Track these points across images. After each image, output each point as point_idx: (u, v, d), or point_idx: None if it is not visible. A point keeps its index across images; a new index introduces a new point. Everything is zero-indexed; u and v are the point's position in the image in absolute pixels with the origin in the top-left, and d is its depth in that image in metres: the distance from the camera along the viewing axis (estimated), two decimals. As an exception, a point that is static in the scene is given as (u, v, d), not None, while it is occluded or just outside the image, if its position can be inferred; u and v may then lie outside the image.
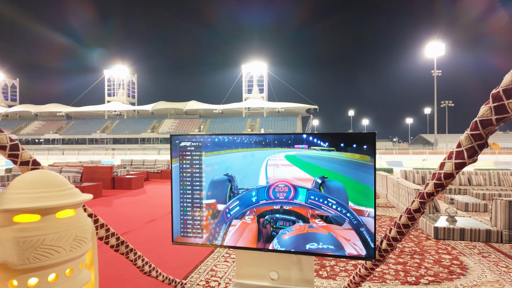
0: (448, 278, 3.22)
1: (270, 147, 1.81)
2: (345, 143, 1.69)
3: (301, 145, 1.77)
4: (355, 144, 1.67)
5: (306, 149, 1.76)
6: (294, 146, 1.78)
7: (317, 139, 1.75)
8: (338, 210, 1.70)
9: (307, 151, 1.75)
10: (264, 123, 58.35)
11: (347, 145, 1.68)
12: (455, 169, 1.13)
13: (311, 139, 1.76)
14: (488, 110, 0.98)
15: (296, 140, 1.79)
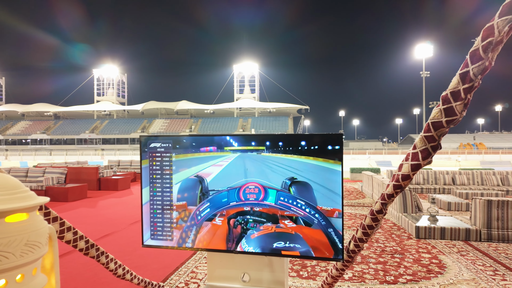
0: (426, 277, 3.26)
1: (242, 148, 1.80)
2: (313, 144, 1.69)
3: (272, 146, 1.76)
4: (323, 144, 1.68)
5: (276, 150, 1.75)
6: (266, 147, 1.78)
7: (288, 140, 1.75)
8: (306, 211, 1.71)
9: (277, 152, 1.75)
10: (255, 123, 58.38)
11: (316, 146, 1.69)
12: (411, 171, 1.14)
13: (281, 140, 1.75)
14: (438, 113, 0.99)
15: (267, 141, 1.78)
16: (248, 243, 1.72)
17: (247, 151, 1.79)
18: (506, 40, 0.79)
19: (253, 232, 1.72)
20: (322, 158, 1.69)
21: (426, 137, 1.06)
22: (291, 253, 1.67)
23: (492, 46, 0.78)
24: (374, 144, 61.93)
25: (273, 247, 1.69)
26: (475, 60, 0.83)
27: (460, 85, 0.89)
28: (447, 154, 32.47)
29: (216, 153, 1.82)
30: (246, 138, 1.80)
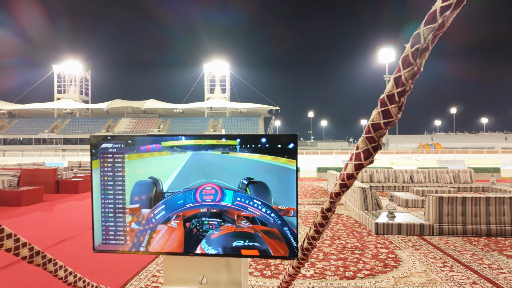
0: (382, 271, 3.42)
1: (199, 149, 1.78)
2: (269, 144, 1.71)
3: (229, 147, 1.76)
4: (279, 145, 1.70)
5: (233, 151, 1.75)
6: (223, 148, 1.77)
7: (245, 141, 1.75)
8: (263, 211, 1.72)
9: (234, 152, 1.75)
10: (226, 123, 58.11)
11: (272, 146, 1.71)
12: (355, 170, 1.19)
13: (239, 140, 1.75)
14: (377, 115, 1.04)
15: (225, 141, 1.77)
16: (208, 243, 1.71)
17: (204, 151, 1.76)
18: (431, 47, 0.84)
19: (213, 232, 1.71)
20: (278, 158, 1.71)
21: (367, 138, 1.11)
22: (250, 252, 1.68)
23: (419, 52, 0.83)
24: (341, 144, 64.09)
25: (232, 246, 1.69)
26: (405, 65, 0.88)
27: (394, 89, 0.94)
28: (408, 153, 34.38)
29: (171, 153, 1.78)
30: (203, 138, 1.78)
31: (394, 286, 3.05)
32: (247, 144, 1.74)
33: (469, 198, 4.69)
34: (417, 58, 0.84)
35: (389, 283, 3.10)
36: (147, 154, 1.78)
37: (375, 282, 3.13)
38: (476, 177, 10.97)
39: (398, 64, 0.91)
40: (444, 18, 0.76)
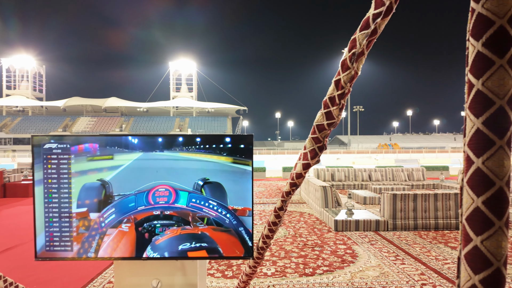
0: (340, 266, 3.55)
1: (152, 149, 1.73)
2: (225, 145, 1.70)
3: (184, 147, 1.72)
4: (234, 145, 1.70)
5: (188, 151, 1.72)
6: (178, 148, 1.73)
7: (199, 141, 1.73)
8: (218, 211, 1.71)
9: (189, 153, 1.72)
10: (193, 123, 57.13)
11: (227, 146, 1.70)
12: (303, 169, 1.22)
13: (193, 140, 1.73)
14: (321, 116, 1.07)
15: (179, 141, 1.74)
16: (153, 249, 1.65)
17: (157, 152, 1.71)
18: (367, 52, 0.88)
19: (158, 238, 1.66)
20: (234, 158, 1.71)
21: (313, 138, 1.14)
22: (198, 254, 1.65)
23: (356, 57, 0.88)
24: (307, 144, 65.66)
25: (178, 249, 1.65)
26: (344, 69, 0.92)
27: (335, 92, 0.98)
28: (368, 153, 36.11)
29: (122, 154, 1.71)
30: (157, 138, 1.73)
31: (350, 280, 3.18)
32: (202, 145, 1.72)
33: (420, 195, 5.03)
34: (354, 62, 0.88)
35: (346, 278, 3.23)
36: (96, 155, 1.70)
37: (332, 278, 3.25)
38: (428, 175, 11.80)
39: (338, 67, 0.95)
40: (376, 24, 0.81)
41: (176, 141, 1.73)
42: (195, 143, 1.73)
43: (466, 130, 0.56)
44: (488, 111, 0.53)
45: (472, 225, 0.55)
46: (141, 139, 1.72)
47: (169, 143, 1.73)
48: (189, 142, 1.72)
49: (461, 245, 0.57)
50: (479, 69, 0.53)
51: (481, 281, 0.53)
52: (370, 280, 3.19)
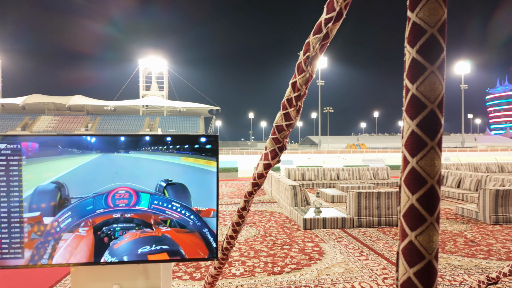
0: (307, 264, 3.63)
1: (112, 150, 1.66)
2: (189, 145, 1.68)
3: (146, 148, 1.68)
4: (199, 145, 1.68)
5: (151, 152, 1.68)
6: (140, 149, 1.68)
7: (163, 141, 1.69)
8: (182, 213, 1.68)
9: (150, 153, 1.67)
10: (164, 122, 55.76)
11: (191, 147, 1.68)
12: (264, 170, 1.23)
13: (156, 140, 1.68)
14: (280, 117, 1.09)
15: (141, 142, 1.69)
16: (111, 253, 1.59)
17: (117, 152, 1.65)
18: (320, 56, 0.91)
19: (116, 242, 1.60)
20: (198, 159, 1.69)
21: (273, 139, 1.16)
22: (158, 256, 1.62)
23: (310, 60, 0.90)
24: (280, 144, 66.37)
25: (138, 253, 1.60)
26: (299, 72, 0.94)
27: (292, 94, 1.00)
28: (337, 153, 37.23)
29: (80, 155, 1.63)
30: (118, 138, 1.67)
31: (317, 277, 3.26)
32: (166, 145, 1.69)
33: (383, 193, 5.27)
34: (309, 65, 0.91)
35: (313, 276, 3.31)
36: (50, 156, 1.60)
37: (300, 276, 3.31)
38: (392, 174, 12.37)
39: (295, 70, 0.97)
40: (327, 29, 0.83)
41: (138, 142, 1.68)
42: (158, 143, 1.69)
43: (403, 132, 0.59)
44: (421, 114, 0.56)
45: (407, 221, 0.58)
46: (100, 139, 1.66)
47: (131, 144, 1.68)
48: (152, 142, 1.68)
49: (399, 240, 0.60)
50: (413, 74, 0.57)
51: (415, 274, 0.57)
52: (336, 276, 3.29)
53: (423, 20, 0.56)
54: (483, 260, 3.73)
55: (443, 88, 0.56)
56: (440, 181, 0.57)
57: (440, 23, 0.55)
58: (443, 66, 0.56)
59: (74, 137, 1.65)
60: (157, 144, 1.69)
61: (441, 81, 0.56)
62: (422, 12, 0.56)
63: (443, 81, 0.56)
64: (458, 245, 4.25)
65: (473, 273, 3.36)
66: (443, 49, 0.56)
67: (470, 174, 7.89)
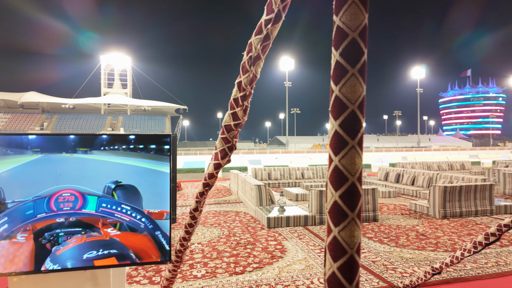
0: (269, 262, 3.67)
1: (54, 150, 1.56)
2: (140, 145, 1.62)
3: (93, 147, 1.59)
4: (151, 145, 1.63)
5: (98, 152, 1.60)
6: (87, 149, 1.59)
7: (112, 141, 1.62)
8: (132, 216, 1.62)
9: (98, 154, 1.59)
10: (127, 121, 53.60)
11: (143, 147, 1.62)
12: (214, 170, 1.22)
13: (104, 140, 1.61)
14: (228, 117, 1.08)
15: (89, 141, 1.60)
16: (53, 260, 1.50)
17: (61, 152, 1.55)
18: (263, 56, 0.92)
19: (59, 248, 1.51)
20: (150, 160, 1.64)
21: (222, 138, 1.15)
22: (106, 261, 1.55)
23: (253, 60, 0.91)
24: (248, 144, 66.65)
25: (83, 259, 1.52)
26: (244, 72, 0.94)
27: (238, 93, 1.00)
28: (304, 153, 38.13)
29: (18, 155, 1.51)
30: (60, 138, 1.57)
31: (278, 275, 3.31)
32: (115, 145, 1.62)
33: (343, 190, 5.47)
34: (252, 65, 0.91)
35: (274, 274, 3.35)
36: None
37: (261, 274, 3.34)
38: (354, 172, 12.91)
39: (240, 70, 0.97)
40: (268, 30, 0.84)
41: (85, 141, 1.59)
42: (108, 143, 1.61)
43: (329, 132, 0.61)
44: (343, 115, 0.58)
45: (332, 217, 0.60)
46: (42, 139, 1.55)
47: (78, 144, 1.58)
48: (101, 142, 1.60)
49: (326, 236, 0.63)
50: (337, 77, 0.59)
51: (339, 268, 0.59)
52: (296, 273, 3.36)
53: (345, 24, 0.58)
54: (432, 252, 4.01)
55: (364, 90, 0.59)
56: (361, 178, 0.60)
57: (361, 27, 0.58)
58: (364, 69, 0.59)
59: (13, 136, 1.53)
60: (106, 144, 1.62)
61: (362, 84, 0.59)
62: (345, 16, 0.58)
63: (364, 84, 0.59)
64: (410, 239, 4.53)
65: (422, 264, 3.60)
66: (363, 53, 0.58)
67: (423, 172, 8.45)
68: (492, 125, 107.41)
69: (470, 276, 3.25)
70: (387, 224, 5.41)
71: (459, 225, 5.28)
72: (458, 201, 5.86)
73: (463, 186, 5.90)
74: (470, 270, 3.39)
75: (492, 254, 3.86)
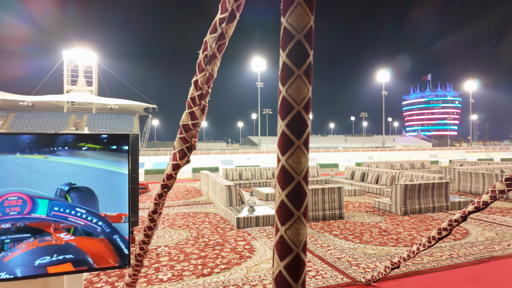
0: (237, 263, 3.66)
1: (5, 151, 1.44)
2: (97, 145, 1.55)
3: (44, 147, 1.49)
4: (108, 145, 1.56)
5: (54, 152, 1.50)
6: (37, 149, 1.49)
7: (65, 141, 1.53)
8: (88, 219, 1.54)
9: (54, 155, 1.50)
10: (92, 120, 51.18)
11: (100, 147, 1.55)
12: (173, 170, 1.19)
13: (56, 139, 1.52)
14: (186, 116, 1.06)
15: (39, 141, 1.50)
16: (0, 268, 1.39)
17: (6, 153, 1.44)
18: (219, 55, 0.91)
19: (6, 254, 1.40)
20: (107, 160, 1.57)
21: (181, 138, 1.13)
22: (61, 268, 1.46)
23: (208, 59, 0.89)
24: (220, 145, 66.23)
25: (35, 265, 1.43)
26: (200, 70, 0.93)
27: (195, 92, 0.99)
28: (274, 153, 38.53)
29: (-44, 157, 1.38)
30: (5, 137, 1.46)
31: (245, 275, 3.31)
32: (69, 145, 1.53)
33: (310, 189, 5.60)
34: (207, 64, 0.90)
35: (242, 274, 3.35)
36: None
37: (229, 275, 3.32)
38: (322, 172, 13.27)
39: (196, 68, 0.96)
40: (222, 29, 0.84)
41: (35, 141, 1.49)
42: (61, 143, 1.52)
43: (278, 132, 0.62)
44: (289, 115, 0.59)
45: (279, 217, 0.61)
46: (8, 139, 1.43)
47: (26, 144, 1.48)
48: (53, 142, 1.51)
49: (274, 235, 0.63)
50: (284, 77, 0.60)
51: (285, 267, 0.60)
52: (264, 273, 3.38)
53: (291, 26, 0.59)
54: (393, 247, 4.21)
55: (309, 91, 0.60)
56: (307, 178, 0.61)
57: (307, 29, 0.59)
58: (309, 70, 0.60)
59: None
60: (59, 144, 1.52)
61: (307, 85, 0.60)
62: (291, 18, 0.59)
63: (309, 85, 0.60)
64: (373, 235, 4.72)
65: (384, 259, 3.76)
66: (309, 55, 0.60)
67: (386, 171, 8.86)
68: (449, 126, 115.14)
69: (426, 269, 3.45)
70: (352, 221, 5.60)
71: (418, 221, 5.59)
72: (418, 198, 6.21)
73: (422, 184, 6.25)
74: (427, 263, 3.60)
75: (447, 248, 4.13)
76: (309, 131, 0.61)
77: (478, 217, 5.81)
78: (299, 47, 0.59)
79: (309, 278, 3.25)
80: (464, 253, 3.92)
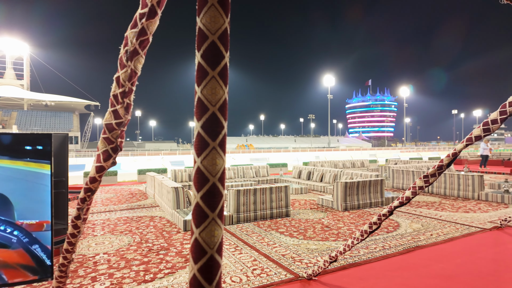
0: (182, 266, 3.56)
1: None
2: (11, 145, 1.38)
3: None
4: (26, 146, 1.41)
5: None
6: None
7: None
8: (0, 229, 1.37)
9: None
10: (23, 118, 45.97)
11: (15, 147, 1.39)
12: (97, 173, 1.11)
13: (-40, 141, 1.32)
14: (109, 115, 1.00)
15: None
16: None
17: None
18: (142, 52, 0.87)
19: None
20: (24, 162, 1.41)
21: (105, 139, 1.06)
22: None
23: (129, 55, 0.85)
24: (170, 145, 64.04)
25: None
26: (121, 67, 0.88)
27: (117, 90, 0.93)
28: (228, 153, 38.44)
29: None
30: None
31: (190, 278, 3.23)
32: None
33: (259, 189, 5.68)
34: (129, 60, 0.86)
35: (186, 277, 3.26)
36: None
37: (173, 279, 3.22)
38: (272, 171, 13.56)
39: (119, 65, 0.90)
40: (143, 24, 0.80)
41: None
42: (-35, 143, 1.33)
43: (194, 133, 0.61)
44: (204, 116, 0.59)
45: (194, 219, 0.60)
46: None
47: None
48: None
49: (190, 239, 0.62)
50: (199, 78, 0.59)
51: (199, 270, 0.59)
52: (209, 274, 3.33)
53: (205, 27, 0.58)
54: (333, 242, 4.46)
55: (225, 93, 0.60)
56: (223, 179, 0.61)
57: (221, 31, 0.59)
58: (225, 72, 0.60)
59: None
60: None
61: (222, 86, 0.60)
62: (205, 18, 0.58)
63: (225, 87, 0.60)
64: (316, 231, 4.95)
65: (324, 254, 3.96)
66: (224, 56, 0.60)
67: (329, 170, 9.37)
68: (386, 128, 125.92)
69: (362, 261, 3.72)
70: (298, 218, 5.82)
71: (357, 216, 6.00)
72: (357, 195, 6.67)
73: (360, 181, 6.73)
74: (363, 255, 3.87)
75: (380, 240, 4.50)
76: (225, 132, 0.61)
77: (408, 210, 6.44)
78: (213, 48, 0.58)
79: (254, 276, 3.29)
80: (395, 244, 4.31)
